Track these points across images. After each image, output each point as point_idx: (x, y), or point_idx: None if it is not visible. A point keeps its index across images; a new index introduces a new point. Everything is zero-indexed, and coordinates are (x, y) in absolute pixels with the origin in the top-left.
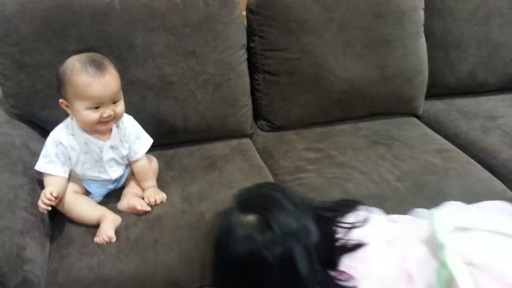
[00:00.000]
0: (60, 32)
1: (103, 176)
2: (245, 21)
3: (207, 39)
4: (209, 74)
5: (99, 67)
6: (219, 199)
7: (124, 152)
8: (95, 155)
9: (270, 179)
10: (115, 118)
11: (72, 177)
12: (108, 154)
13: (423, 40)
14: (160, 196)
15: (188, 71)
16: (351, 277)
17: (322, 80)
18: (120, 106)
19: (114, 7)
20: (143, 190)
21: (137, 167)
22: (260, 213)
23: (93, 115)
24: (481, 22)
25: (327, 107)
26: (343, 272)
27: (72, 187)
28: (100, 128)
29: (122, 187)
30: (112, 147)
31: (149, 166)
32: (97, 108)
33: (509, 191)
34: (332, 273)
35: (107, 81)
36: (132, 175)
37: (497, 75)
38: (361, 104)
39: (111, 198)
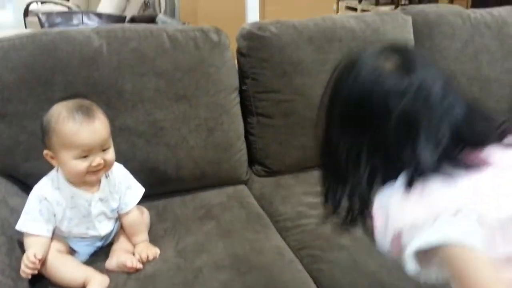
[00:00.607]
0: (45, 80)
1: (92, 233)
2: (236, 64)
3: (198, 82)
4: (202, 118)
5: (87, 113)
6: (217, 252)
7: (115, 204)
8: (82, 210)
9: (271, 226)
10: (106, 166)
11: (55, 234)
12: (97, 208)
13: None
14: (153, 251)
15: (180, 115)
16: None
17: (319, 121)
18: (110, 154)
19: (102, 53)
20: (134, 245)
21: (127, 220)
22: (404, 57)
23: (82, 165)
24: (470, 59)
25: None
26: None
27: (55, 245)
28: (89, 178)
29: (111, 244)
30: (101, 200)
31: (141, 219)
32: (85, 157)
33: None
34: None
35: (96, 128)
36: (121, 230)
37: (490, 110)
38: None
39: (98, 257)
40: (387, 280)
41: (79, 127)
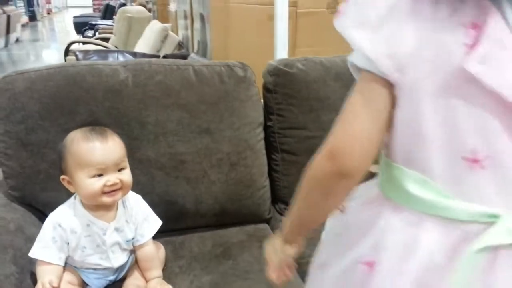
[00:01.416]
0: (69, 110)
1: (105, 264)
2: (262, 100)
3: (222, 116)
4: (224, 152)
5: (100, 133)
6: None
7: (130, 235)
8: (97, 239)
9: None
10: (122, 188)
11: (67, 265)
12: (112, 238)
13: None
14: None
15: (202, 149)
16: None
17: None
18: (127, 175)
19: (127, 85)
20: (147, 281)
21: (142, 253)
22: None
23: (97, 184)
24: None
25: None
26: None
27: (67, 277)
28: (106, 200)
29: (123, 279)
30: (117, 230)
31: (155, 253)
32: (100, 175)
33: None
34: None
35: (109, 146)
36: (135, 265)
37: None
38: None
39: None
40: None
41: (93, 145)
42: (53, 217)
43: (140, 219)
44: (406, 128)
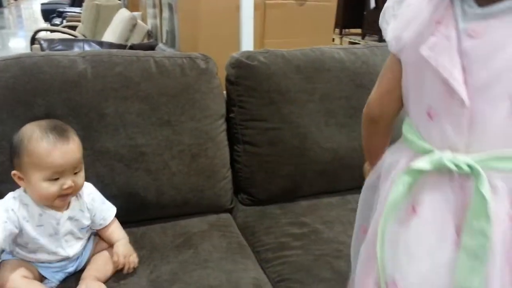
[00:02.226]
0: (26, 101)
1: (60, 252)
2: (224, 92)
3: (183, 108)
4: (185, 144)
5: (61, 134)
6: (191, 282)
7: (86, 222)
8: (50, 229)
9: (251, 257)
10: (75, 191)
11: (22, 260)
12: (65, 227)
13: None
14: (134, 260)
15: (163, 141)
16: None
17: (305, 150)
18: (81, 177)
19: (86, 76)
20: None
21: (109, 231)
22: None
23: (52, 188)
24: None
25: (312, 179)
26: None
27: (22, 271)
28: (58, 203)
29: (83, 270)
30: (70, 219)
31: (121, 227)
32: (56, 179)
33: None
34: None
35: (69, 149)
36: (94, 255)
37: None
38: (348, 175)
39: (68, 283)
40: None
41: (53, 147)
42: (4, 202)
43: (97, 204)
44: (404, 90)
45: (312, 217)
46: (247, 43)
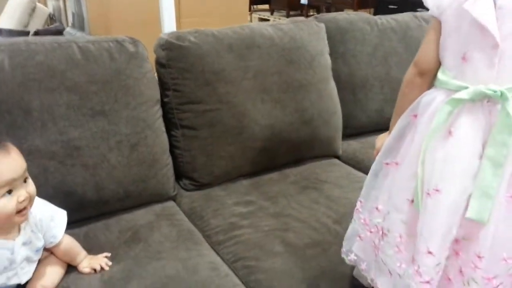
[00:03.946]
0: None
1: (13, 281)
2: (156, 76)
3: (116, 96)
4: (123, 134)
5: (1, 146)
6: (148, 276)
7: (40, 243)
8: (4, 261)
9: (203, 242)
10: (30, 200)
11: None
12: (21, 254)
13: (333, 83)
14: (103, 261)
15: (98, 133)
16: None
17: (244, 129)
18: (31, 184)
19: (3, 68)
20: (77, 266)
21: (61, 249)
22: None
23: (10, 204)
24: (381, 62)
25: (253, 157)
26: None
27: None
28: (18, 220)
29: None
30: (25, 244)
31: (73, 241)
32: (9, 192)
33: None
34: None
35: (13, 159)
36: (38, 265)
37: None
38: (285, 150)
39: None
40: (324, 285)
41: None
42: None
43: (45, 223)
44: (441, 45)
45: (256, 194)
46: (169, 23)
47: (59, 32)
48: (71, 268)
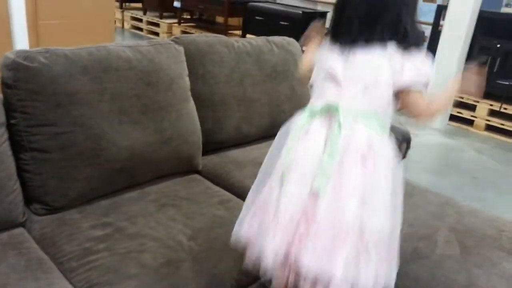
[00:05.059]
0: None
1: None
2: (2, 97)
3: None
4: None
5: None
6: None
7: None
8: None
9: (54, 270)
10: None
11: None
12: None
13: (192, 103)
14: None
15: None
16: None
17: (101, 151)
18: None
19: None
20: None
21: None
22: None
23: None
24: (237, 83)
25: (111, 178)
26: None
27: None
28: None
29: None
30: None
31: None
32: None
33: None
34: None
35: None
36: None
37: (256, 127)
38: (146, 169)
39: None
40: None
41: None
42: None
43: None
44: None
45: (115, 215)
46: (21, 36)
47: None
48: None
